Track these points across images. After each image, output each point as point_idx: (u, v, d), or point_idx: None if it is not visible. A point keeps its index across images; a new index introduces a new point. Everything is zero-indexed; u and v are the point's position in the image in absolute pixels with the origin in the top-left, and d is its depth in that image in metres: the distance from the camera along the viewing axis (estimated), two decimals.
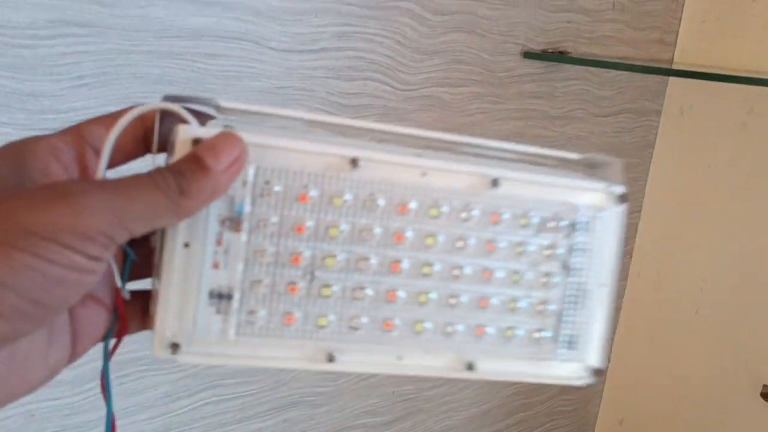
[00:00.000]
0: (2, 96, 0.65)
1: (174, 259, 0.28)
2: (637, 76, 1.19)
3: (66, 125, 0.28)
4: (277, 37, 0.80)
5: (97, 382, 0.77)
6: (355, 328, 0.30)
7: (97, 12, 0.68)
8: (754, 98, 1.14)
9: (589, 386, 0.34)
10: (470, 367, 0.32)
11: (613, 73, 1.16)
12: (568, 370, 0.33)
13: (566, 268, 0.33)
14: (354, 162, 0.29)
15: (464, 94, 0.99)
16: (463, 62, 0.98)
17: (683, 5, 1.22)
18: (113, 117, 0.28)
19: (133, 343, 0.83)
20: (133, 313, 0.29)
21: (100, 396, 0.30)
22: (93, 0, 0.67)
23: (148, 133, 0.28)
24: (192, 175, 0.26)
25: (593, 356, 0.33)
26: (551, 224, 0.32)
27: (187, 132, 0.27)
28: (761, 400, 1.15)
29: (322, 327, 0.30)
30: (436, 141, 0.32)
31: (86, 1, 0.67)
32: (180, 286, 0.28)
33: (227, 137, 0.27)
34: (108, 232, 0.24)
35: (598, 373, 0.33)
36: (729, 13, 1.16)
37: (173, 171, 0.26)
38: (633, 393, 1.38)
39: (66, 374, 0.75)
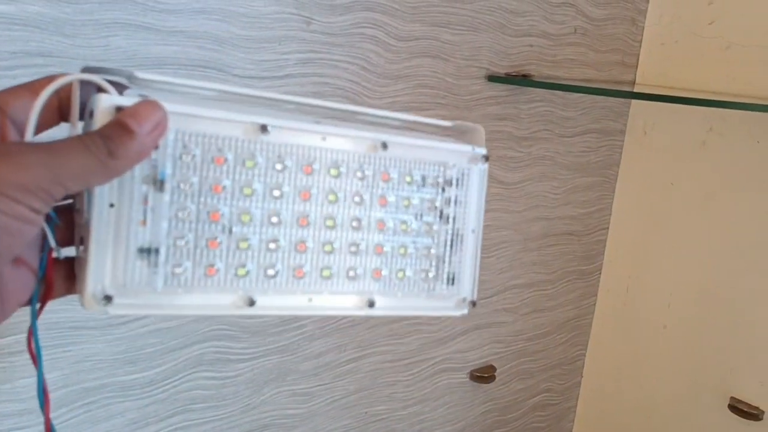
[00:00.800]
0: None
1: (102, 219, 0.30)
2: (601, 98, 1.23)
3: None
4: (240, 64, 0.81)
5: (69, 407, 0.77)
6: (272, 276, 0.34)
7: (60, 42, 0.69)
8: (713, 118, 1.17)
9: (464, 316, 0.40)
10: (371, 304, 0.37)
11: (577, 94, 1.19)
12: (451, 303, 0.39)
13: (443, 217, 0.39)
14: (264, 128, 0.33)
15: (430, 117, 1.01)
16: (428, 86, 1.00)
17: (643, 29, 1.25)
18: (27, 87, 0.30)
19: (99, 370, 0.82)
20: (58, 276, 0.31)
21: (72, 421, 0.31)
22: (55, 31, 0.68)
23: (62, 103, 0.30)
24: (119, 138, 0.28)
25: (468, 290, 0.40)
26: (430, 180, 0.38)
27: (108, 100, 0.29)
28: (729, 412, 1.17)
29: (241, 276, 0.33)
30: (333, 110, 0.36)
31: (48, 32, 0.68)
32: (109, 243, 0.30)
33: (148, 104, 0.29)
34: (46, 187, 0.26)
35: (473, 304, 0.40)
36: (687, 36, 1.20)
37: (101, 135, 0.28)
38: (605, 408, 1.39)
39: (32, 403, 0.75)
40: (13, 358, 0.73)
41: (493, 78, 1.06)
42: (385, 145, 0.36)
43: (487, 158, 0.39)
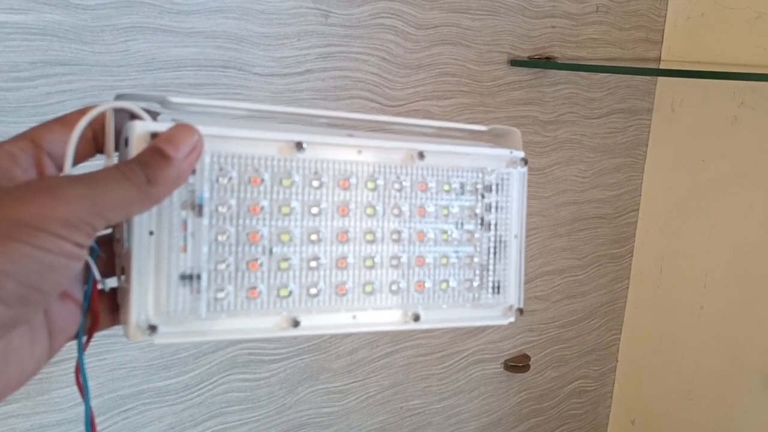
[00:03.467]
0: None
1: (142, 247, 0.30)
2: (626, 77, 1.19)
3: None
4: (261, 62, 0.80)
5: (107, 416, 0.77)
6: (314, 295, 0.34)
7: (79, 50, 0.68)
8: (744, 91, 1.13)
9: (511, 324, 0.39)
10: (417, 318, 0.36)
11: (601, 74, 1.16)
12: (497, 311, 0.38)
13: (485, 224, 0.38)
14: (299, 145, 0.32)
15: (453, 106, 0.99)
16: (450, 74, 0.98)
17: (667, 3, 1.22)
18: (60, 121, 0.30)
19: (135, 377, 0.82)
20: (102, 308, 0.31)
21: (111, 429, 0.30)
22: (74, 39, 0.67)
23: (97, 134, 0.30)
24: (156, 164, 0.28)
25: (514, 297, 0.39)
26: (469, 187, 0.37)
27: (142, 127, 0.29)
28: None
29: (284, 297, 0.33)
30: (364, 122, 0.36)
31: (67, 40, 0.67)
32: (150, 271, 0.30)
33: (183, 128, 0.29)
34: (89, 220, 0.26)
35: (520, 312, 0.39)
36: (713, 9, 1.16)
37: (139, 163, 0.28)
38: (643, 392, 1.37)
39: (70, 413, 0.75)
40: (50, 369, 0.73)
41: (515, 62, 1.03)
42: (422, 155, 0.35)
43: (525, 161, 0.38)
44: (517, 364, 1.20)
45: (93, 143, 0.30)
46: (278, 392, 0.93)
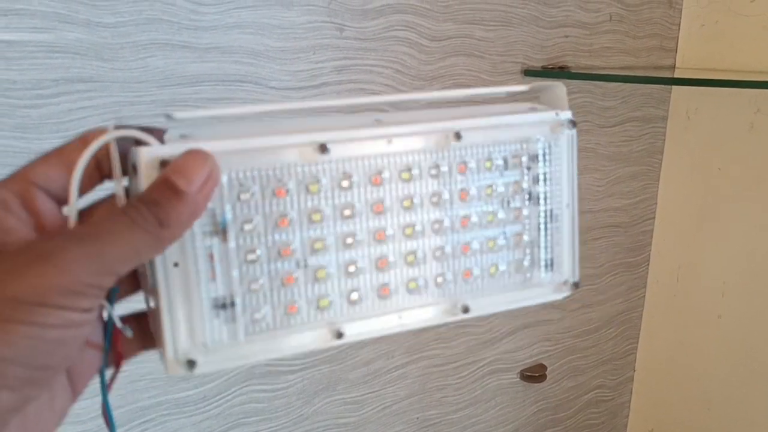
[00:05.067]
0: (10, 156, 0.66)
1: (168, 281, 0.28)
2: (641, 85, 1.19)
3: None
4: (277, 76, 0.81)
5: (127, 427, 0.78)
6: (356, 301, 0.31)
7: (99, 67, 0.69)
8: (761, 99, 1.13)
9: (566, 298, 0.36)
10: (466, 309, 0.33)
11: (615, 83, 1.16)
12: (550, 288, 0.35)
13: (533, 198, 0.34)
14: (323, 147, 0.29)
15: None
16: (464, 85, 0.98)
17: (681, 11, 1.21)
18: (59, 154, 0.27)
19: (154, 388, 0.83)
20: (127, 340, 0.29)
21: None
22: (95, 56, 0.68)
23: (101, 161, 0.27)
24: (168, 202, 0.25)
25: (569, 272, 0.36)
26: (514, 161, 0.34)
27: (150, 154, 0.26)
28: None
29: (324, 308, 0.31)
30: (385, 104, 0.33)
31: (88, 57, 0.68)
32: (180, 303, 0.28)
33: (195, 155, 0.26)
34: (95, 282, 0.24)
35: (575, 285, 0.36)
36: (727, 16, 1.16)
37: (147, 203, 0.25)
38: (661, 402, 1.36)
39: (91, 425, 0.75)
40: None
41: (529, 72, 1.03)
42: (458, 135, 0.32)
43: (574, 123, 0.34)
44: (534, 374, 1.19)
45: (97, 171, 0.28)
46: (295, 403, 0.93)
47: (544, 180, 0.34)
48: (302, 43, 0.82)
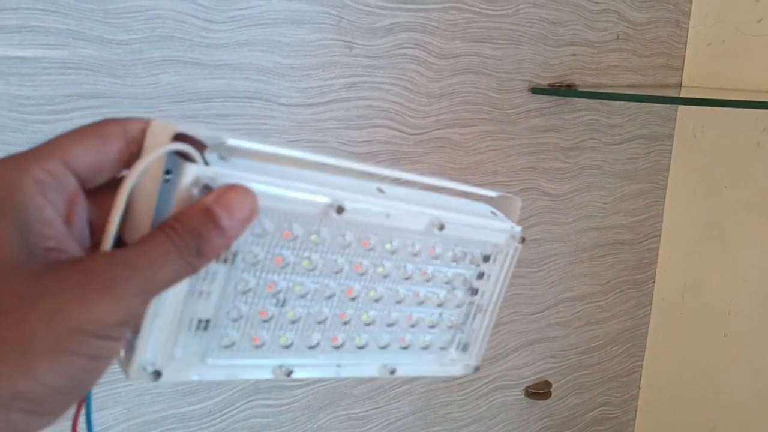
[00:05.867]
0: None
1: (159, 295, 0.28)
2: (647, 103, 1.20)
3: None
4: (286, 93, 0.81)
5: None
6: (311, 346, 0.34)
7: (111, 83, 0.70)
8: (767, 118, 1.13)
9: (463, 376, 0.42)
10: (392, 372, 0.38)
11: (622, 101, 1.16)
12: (458, 366, 0.40)
13: (472, 290, 0.40)
14: (340, 209, 0.32)
15: (474, 134, 1.00)
16: (472, 102, 0.99)
17: (687, 30, 1.22)
18: (98, 136, 0.26)
19: (159, 403, 0.83)
20: None
21: None
22: (107, 73, 0.69)
23: (132, 153, 0.27)
24: (208, 235, 0.25)
25: (475, 356, 0.41)
26: (469, 257, 0.39)
27: (196, 173, 0.27)
28: None
29: (283, 345, 0.33)
30: (383, 177, 0.36)
31: (101, 74, 0.69)
32: (166, 313, 0.28)
33: (242, 193, 0.27)
34: (140, 312, 0.25)
35: (476, 369, 0.41)
36: (734, 35, 1.16)
37: (191, 232, 0.25)
38: (666, 420, 1.35)
39: None
40: None
41: (536, 90, 1.04)
42: (442, 226, 0.36)
43: (523, 239, 0.40)
44: (539, 391, 1.19)
45: (119, 163, 0.27)
46: (300, 418, 0.93)
47: (485, 278, 0.39)
48: (312, 61, 0.82)
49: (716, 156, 1.22)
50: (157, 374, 0.29)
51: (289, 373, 0.33)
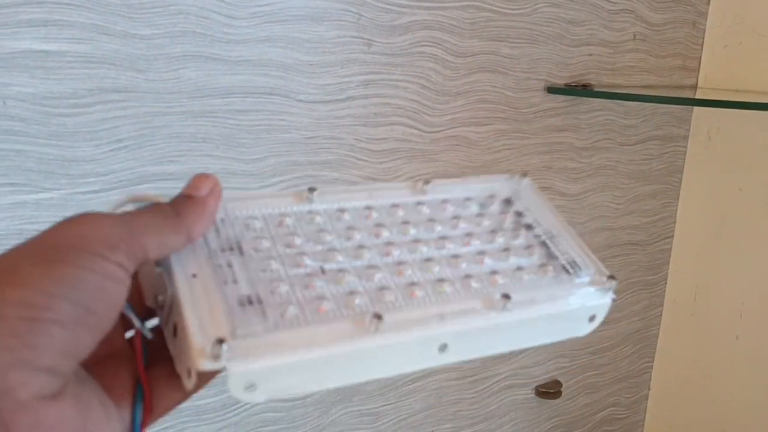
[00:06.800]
0: (45, 163, 0.67)
1: (190, 288, 0.28)
2: (663, 104, 1.19)
3: (106, 186, 0.29)
4: (305, 89, 0.82)
5: None
6: (387, 288, 0.31)
7: (133, 78, 0.70)
8: None
9: (614, 299, 0.35)
10: (507, 296, 0.32)
11: (637, 101, 1.16)
12: (588, 282, 0.34)
13: (526, 226, 0.37)
14: (311, 190, 0.33)
15: (490, 132, 1.00)
16: (488, 101, 0.99)
17: (704, 31, 1.22)
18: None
19: None
20: (164, 389, 0.30)
21: None
22: (129, 67, 0.70)
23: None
24: (182, 202, 0.31)
25: (596, 266, 0.35)
26: (489, 205, 0.37)
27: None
28: None
29: (354, 297, 0.30)
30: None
31: (123, 68, 0.69)
32: (204, 308, 0.28)
33: (200, 175, 0.32)
34: (127, 240, 0.27)
35: (611, 278, 0.34)
36: (751, 37, 1.16)
37: (170, 204, 0.30)
38: (675, 421, 1.35)
39: None
40: None
41: (552, 89, 1.04)
42: (426, 182, 0.36)
43: (525, 173, 0.39)
44: (549, 390, 1.19)
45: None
46: (312, 413, 0.94)
47: (524, 214, 0.37)
48: (330, 58, 0.83)
49: (731, 158, 1.21)
50: (220, 342, 0.26)
51: (379, 317, 0.29)
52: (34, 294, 0.24)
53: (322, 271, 0.30)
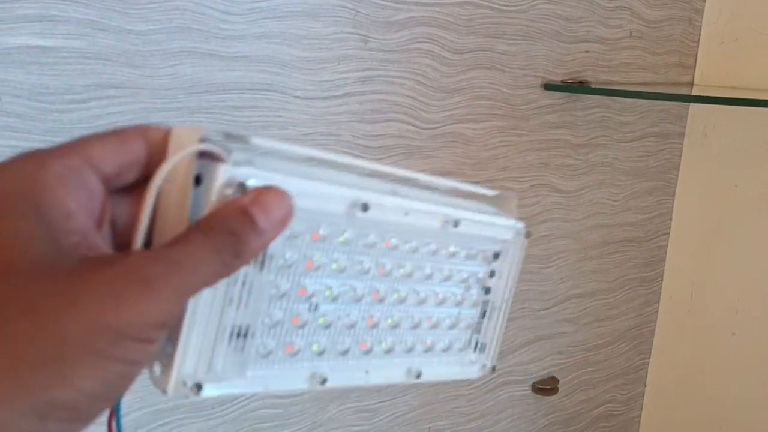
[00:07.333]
0: None
1: (197, 299, 0.27)
2: (659, 101, 1.20)
3: None
4: (302, 86, 0.81)
5: (145, 429, 0.78)
6: (343, 352, 0.34)
7: (129, 74, 0.70)
8: None
9: (481, 378, 0.41)
10: (418, 375, 0.37)
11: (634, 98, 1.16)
12: (475, 368, 0.41)
13: (486, 288, 0.40)
14: (365, 206, 0.32)
15: (487, 129, 1.00)
16: (484, 98, 0.99)
17: (700, 28, 1.22)
18: (119, 138, 0.26)
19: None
20: None
21: None
22: (125, 63, 0.70)
23: (152, 158, 0.27)
24: (246, 235, 0.25)
25: (492, 357, 0.41)
26: (482, 254, 0.39)
27: (229, 173, 0.26)
28: None
29: (316, 353, 0.33)
30: (394, 176, 0.36)
31: (119, 64, 0.69)
32: (202, 323, 0.27)
33: (278, 195, 0.26)
34: (176, 314, 0.24)
35: (493, 369, 0.41)
36: (747, 34, 1.16)
37: (229, 232, 0.25)
38: (671, 418, 1.36)
39: None
40: None
41: (549, 86, 1.04)
42: (456, 223, 0.36)
43: (529, 234, 0.40)
44: (546, 387, 1.20)
45: (140, 165, 0.26)
46: (310, 410, 0.94)
47: (497, 276, 0.40)
48: (327, 54, 0.83)
49: (727, 155, 1.22)
50: (198, 388, 0.28)
51: (324, 381, 0.32)
52: (78, 399, 0.22)
53: (315, 307, 0.32)
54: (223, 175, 0.26)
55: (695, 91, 1.16)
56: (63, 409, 0.21)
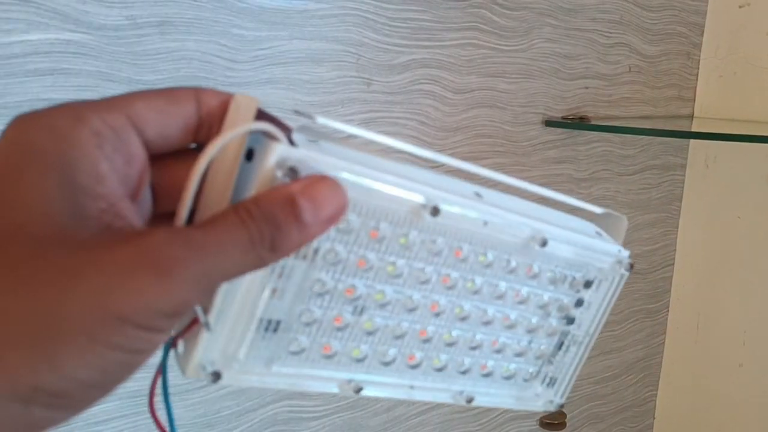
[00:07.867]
0: None
1: (233, 282, 0.25)
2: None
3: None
4: None
5: None
6: (385, 363, 0.30)
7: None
8: None
9: (545, 413, 0.38)
10: (470, 400, 0.34)
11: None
12: (540, 402, 0.37)
13: (569, 318, 0.35)
14: (435, 210, 0.28)
15: (489, 166, 1.00)
16: (486, 135, 1.00)
17: (699, 62, 1.24)
18: (166, 98, 0.24)
19: (176, 408, 0.82)
20: None
21: None
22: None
23: (202, 122, 0.25)
24: (287, 228, 0.22)
25: (561, 393, 0.37)
26: (569, 281, 0.34)
27: (282, 153, 0.24)
28: None
29: (355, 358, 0.30)
30: (477, 176, 0.32)
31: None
32: (234, 309, 0.25)
33: (331, 187, 0.23)
34: (193, 303, 0.21)
35: (560, 406, 0.37)
36: (745, 67, 1.18)
37: (268, 220, 0.22)
38: None
39: None
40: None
41: (550, 123, 1.05)
42: (544, 242, 0.32)
43: (632, 266, 0.35)
44: (553, 422, 1.19)
45: (193, 132, 0.24)
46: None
47: (585, 306, 0.35)
48: (331, 97, 0.84)
49: (729, 186, 1.22)
50: (217, 376, 0.26)
51: (359, 390, 0.30)
52: (67, 385, 0.20)
53: (360, 311, 0.29)
54: (275, 154, 0.24)
55: (695, 124, 1.17)
56: (50, 395, 0.19)
